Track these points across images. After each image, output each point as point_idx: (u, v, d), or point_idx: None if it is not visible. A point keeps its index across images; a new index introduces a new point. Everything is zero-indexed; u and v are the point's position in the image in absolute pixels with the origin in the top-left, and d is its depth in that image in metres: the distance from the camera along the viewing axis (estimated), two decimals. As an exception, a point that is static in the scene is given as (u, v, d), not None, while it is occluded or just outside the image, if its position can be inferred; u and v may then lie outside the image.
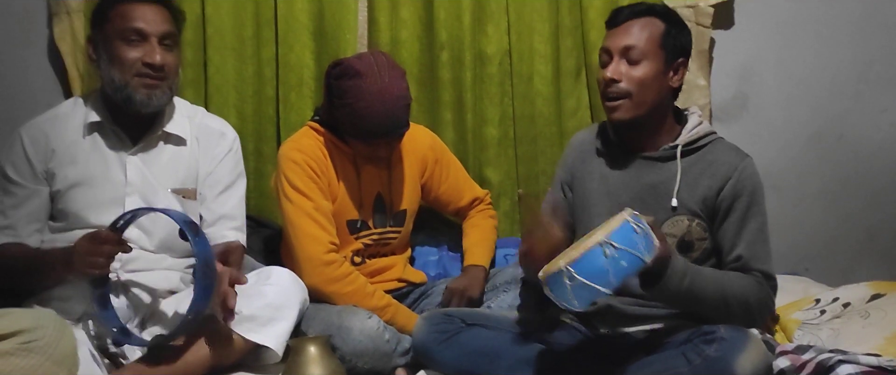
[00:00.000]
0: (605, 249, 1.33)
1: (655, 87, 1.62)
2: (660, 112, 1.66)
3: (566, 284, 1.34)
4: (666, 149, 1.66)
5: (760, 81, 2.42)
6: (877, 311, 1.74)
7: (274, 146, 2.31)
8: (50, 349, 1.37)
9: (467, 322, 1.69)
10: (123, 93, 1.67)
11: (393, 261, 2.03)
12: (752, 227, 1.61)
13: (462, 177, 2.13)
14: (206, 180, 1.79)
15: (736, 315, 1.56)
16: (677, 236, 1.63)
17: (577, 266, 1.33)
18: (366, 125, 1.85)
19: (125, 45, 1.65)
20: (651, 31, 1.62)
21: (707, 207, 1.63)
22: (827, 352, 1.59)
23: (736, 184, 1.61)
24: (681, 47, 1.66)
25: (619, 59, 1.62)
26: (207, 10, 2.26)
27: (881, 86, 2.41)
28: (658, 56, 1.62)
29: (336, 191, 1.94)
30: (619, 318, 1.66)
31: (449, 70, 2.31)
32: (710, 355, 1.45)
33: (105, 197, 1.67)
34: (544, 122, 2.34)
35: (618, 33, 1.64)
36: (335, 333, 1.73)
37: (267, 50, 2.29)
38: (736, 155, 1.65)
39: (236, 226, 1.81)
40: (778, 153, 2.42)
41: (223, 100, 2.28)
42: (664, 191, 1.64)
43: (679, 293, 1.51)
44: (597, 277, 1.33)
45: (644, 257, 1.36)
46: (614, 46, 1.63)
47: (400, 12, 2.30)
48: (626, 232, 1.35)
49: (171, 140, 1.77)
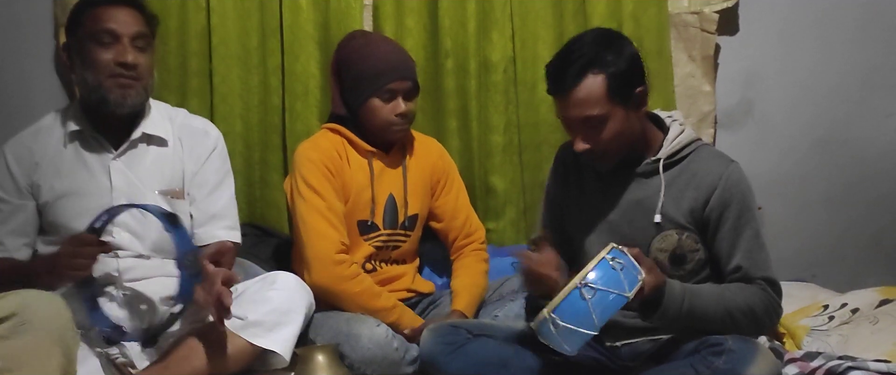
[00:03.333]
0: (583, 292, 1.34)
1: (626, 132, 1.58)
2: (638, 136, 1.62)
3: (553, 331, 1.36)
4: (648, 164, 1.64)
5: (765, 87, 2.43)
6: (886, 317, 1.74)
7: (280, 155, 2.31)
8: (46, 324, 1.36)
9: (474, 333, 1.69)
10: (98, 95, 1.68)
11: (403, 270, 2.03)
12: (747, 236, 1.58)
13: (463, 199, 2.11)
14: (194, 180, 1.78)
15: (744, 328, 1.55)
16: (668, 250, 1.61)
17: (558, 312, 1.35)
18: (381, 66, 1.90)
19: (98, 46, 1.67)
20: (597, 93, 1.53)
21: (695, 219, 1.61)
22: (836, 359, 1.59)
23: (722, 194, 1.58)
24: (631, 81, 1.56)
25: (581, 129, 1.57)
26: (213, 21, 2.26)
27: (885, 91, 2.41)
28: (615, 107, 1.54)
29: (349, 191, 1.94)
30: (624, 331, 1.66)
31: (454, 78, 2.31)
32: (719, 367, 1.44)
33: (92, 204, 1.67)
34: (549, 129, 2.34)
35: (568, 106, 1.56)
36: (343, 341, 1.73)
37: (273, 60, 2.30)
38: (719, 162, 1.61)
39: (228, 225, 1.80)
40: (783, 158, 2.42)
41: (229, 109, 2.28)
42: (649, 207, 1.62)
43: (680, 317, 1.50)
44: (580, 321, 1.35)
45: (625, 293, 1.36)
46: (569, 119, 1.58)
47: (405, 21, 2.30)
48: (603, 270, 1.36)
49: (153, 141, 1.77)
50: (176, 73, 2.28)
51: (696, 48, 2.36)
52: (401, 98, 1.91)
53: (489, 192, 2.34)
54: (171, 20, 2.23)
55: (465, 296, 1.96)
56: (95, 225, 1.57)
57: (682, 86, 2.36)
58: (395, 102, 1.91)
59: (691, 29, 2.34)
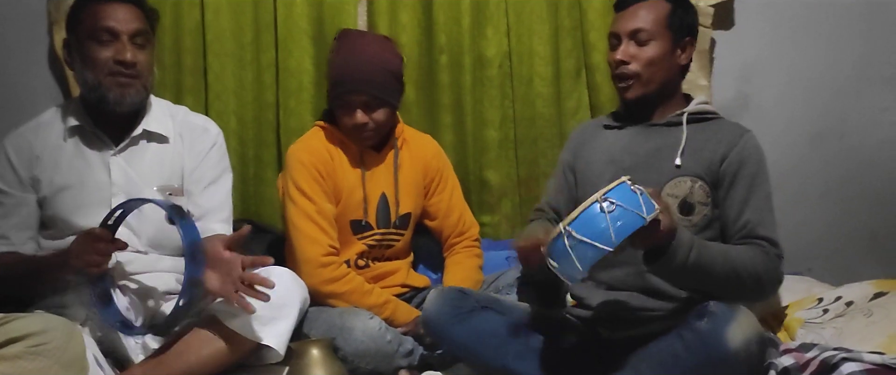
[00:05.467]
0: (602, 205, 1.32)
1: (664, 66, 1.69)
2: (669, 89, 1.72)
3: (567, 247, 1.32)
4: (672, 117, 1.71)
5: (761, 81, 2.42)
6: (880, 309, 1.74)
7: (274, 152, 2.31)
8: (59, 353, 1.37)
9: (482, 303, 1.69)
10: (97, 93, 1.68)
11: (397, 266, 2.03)
12: (759, 194, 1.63)
13: (457, 197, 2.11)
14: (192, 176, 1.79)
15: (747, 288, 1.56)
16: (679, 197, 1.64)
17: (575, 224, 1.33)
18: (338, 75, 1.90)
19: (97, 44, 1.67)
20: (657, 13, 1.68)
21: (711, 172, 1.65)
22: (830, 350, 1.58)
23: (741, 152, 1.64)
24: (687, 26, 1.71)
25: (628, 41, 1.69)
26: (207, 17, 2.27)
27: (882, 85, 2.41)
28: (665, 36, 1.68)
29: (341, 192, 1.94)
30: (621, 323, 1.65)
31: (448, 73, 2.31)
32: (701, 328, 1.45)
33: (91, 199, 1.68)
34: (544, 124, 2.34)
35: (625, 16, 1.70)
36: (337, 334, 1.73)
37: (267, 55, 2.30)
38: (740, 127, 1.71)
39: (223, 219, 1.81)
40: (780, 153, 2.41)
41: (223, 106, 2.28)
42: (668, 155, 1.67)
43: (686, 267, 1.48)
44: (597, 235, 1.32)
45: (643, 214, 1.34)
46: (622, 29, 1.69)
47: (399, 16, 2.30)
48: (623, 190, 1.35)
49: (154, 138, 1.77)
50: (171, 71, 2.28)
51: (692, 42, 2.35)
52: (358, 110, 1.89)
53: (484, 187, 2.34)
54: (165, 17, 2.22)
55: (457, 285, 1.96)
56: (108, 221, 1.57)
57: (678, 81, 2.36)
58: (352, 113, 1.90)
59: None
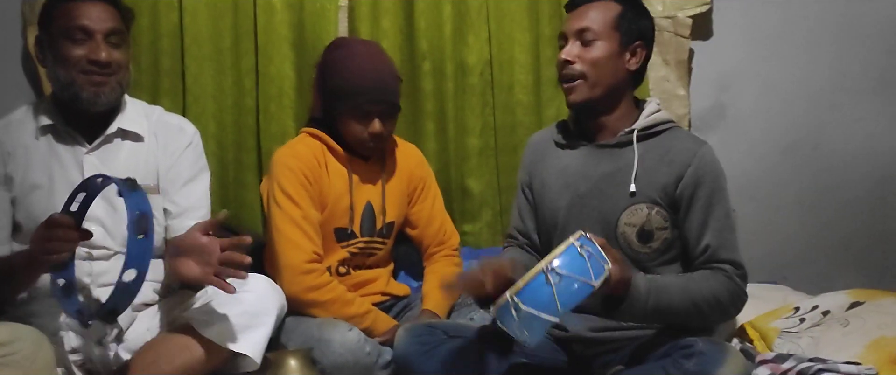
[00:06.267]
0: (548, 276, 1.29)
1: (610, 69, 1.64)
2: (616, 95, 1.67)
3: (514, 316, 1.30)
4: (622, 135, 1.66)
5: (738, 92, 2.45)
6: (856, 319, 1.76)
7: (254, 157, 2.29)
8: (27, 362, 1.35)
9: (450, 334, 1.68)
10: (70, 92, 1.65)
11: (377, 274, 2.02)
12: (717, 215, 1.59)
13: (438, 206, 2.11)
14: (168, 174, 1.76)
15: (709, 317, 1.57)
16: (637, 226, 1.62)
17: (522, 295, 1.30)
18: (357, 84, 1.86)
19: (70, 43, 1.64)
20: (606, 14, 1.64)
21: (667, 195, 1.61)
22: (807, 361, 1.60)
23: (696, 172, 1.59)
24: (638, 31, 1.66)
25: (574, 41, 1.65)
26: (185, 20, 2.24)
27: (856, 96, 2.44)
28: (612, 37, 1.63)
29: (327, 199, 1.93)
30: (594, 345, 1.66)
31: (430, 80, 2.31)
32: (689, 369, 1.44)
33: (63, 198, 1.63)
34: (525, 132, 2.34)
35: (573, 17, 1.67)
36: (315, 346, 1.71)
37: (246, 61, 2.27)
38: (693, 142, 1.65)
39: (201, 216, 1.77)
40: (755, 162, 2.45)
41: (201, 109, 2.25)
42: (622, 179, 1.63)
43: (645, 313, 1.50)
44: (543, 306, 1.29)
45: (591, 282, 1.31)
46: (570, 29, 1.66)
47: (381, 22, 2.29)
48: (570, 256, 1.32)
49: (128, 137, 1.74)
50: (148, 72, 2.24)
51: (671, 52, 2.37)
52: (376, 119, 1.89)
53: (465, 195, 2.34)
54: (142, 18, 2.19)
55: (436, 296, 1.96)
56: (71, 207, 1.50)
57: (657, 90, 2.37)
58: (369, 122, 1.89)
59: (665, 33, 2.36)
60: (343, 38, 2.08)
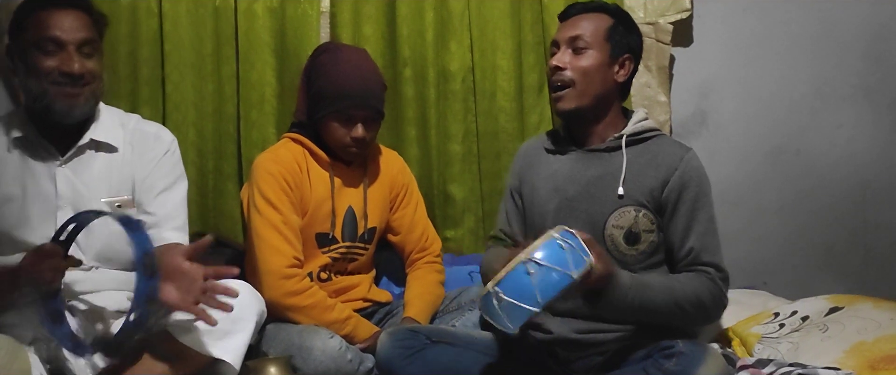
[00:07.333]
0: (528, 267, 1.32)
1: (599, 78, 1.68)
2: (604, 105, 1.71)
3: (495, 305, 1.33)
4: (611, 140, 1.70)
5: (719, 98, 2.46)
6: (835, 324, 1.77)
7: (234, 164, 2.28)
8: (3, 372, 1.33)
9: (432, 339, 1.69)
10: (42, 103, 1.62)
11: (358, 280, 2.01)
12: (701, 218, 1.63)
13: (420, 213, 2.11)
14: (143, 184, 1.73)
15: (691, 318, 1.59)
16: (624, 227, 1.64)
17: (502, 285, 1.33)
18: (343, 88, 1.87)
19: (41, 54, 1.61)
20: (597, 24, 1.70)
21: (654, 199, 1.65)
22: (787, 366, 1.61)
23: (682, 176, 1.64)
24: (627, 44, 1.71)
25: (566, 49, 1.69)
26: (165, 27, 2.22)
27: (837, 102, 2.46)
28: (603, 48, 1.68)
29: (308, 204, 1.92)
30: (579, 345, 1.66)
31: (412, 86, 2.31)
32: (669, 369, 1.46)
33: (35, 212, 1.62)
34: (507, 138, 2.34)
35: (567, 26, 1.72)
36: (296, 353, 1.70)
37: (227, 67, 2.26)
38: (680, 147, 1.70)
39: (177, 226, 1.75)
40: (736, 168, 2.46)
41: (181, 118, 2.24)
42: (610, 182, 1.66)
43: (627, 308, 1.51)
44: (523, 296, 1.32)
45: (571, 273, 1.34)
46: (562, 37, 1.71)
47: (362, 29, 2.29)
48: (550, 248, 1.34)
49: (102, 147, 1.72)
50: (126, 81, 2.22)
51: (652, 58, 2.38)
52: (360, 123, 1.90)
53: (447, 201, 2.34)
54: (121, 25, 2.18)
55: (418, 303, 1.95)
56: (60, 237, 1.50)
57: (639, 96, 2.38)
58: (353, 127, 1.90)
59: (647, 40, 2.36)
60: (331, 42, 2.08)
